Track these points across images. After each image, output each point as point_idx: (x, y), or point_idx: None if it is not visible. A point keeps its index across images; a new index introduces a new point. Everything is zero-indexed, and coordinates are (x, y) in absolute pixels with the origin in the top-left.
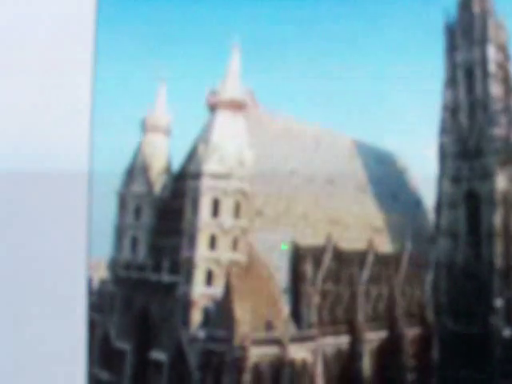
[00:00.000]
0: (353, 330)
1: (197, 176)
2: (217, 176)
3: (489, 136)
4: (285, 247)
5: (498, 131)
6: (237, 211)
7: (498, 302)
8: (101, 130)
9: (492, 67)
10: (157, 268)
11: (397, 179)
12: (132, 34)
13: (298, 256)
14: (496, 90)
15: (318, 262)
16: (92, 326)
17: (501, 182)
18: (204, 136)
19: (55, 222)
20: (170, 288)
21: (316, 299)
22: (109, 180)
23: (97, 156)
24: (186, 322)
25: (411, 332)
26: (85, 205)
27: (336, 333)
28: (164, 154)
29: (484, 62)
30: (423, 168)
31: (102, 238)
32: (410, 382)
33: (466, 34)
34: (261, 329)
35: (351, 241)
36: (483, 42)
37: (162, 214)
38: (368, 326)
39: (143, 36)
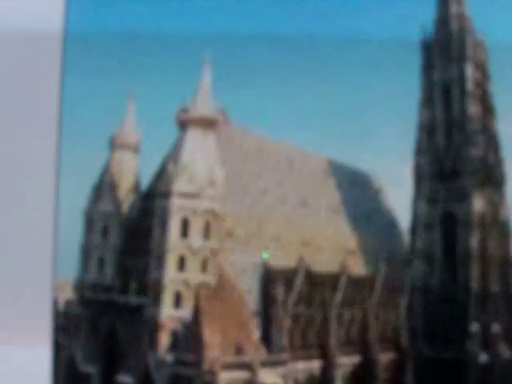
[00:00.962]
0: (325, 355)
1: (166, 195)
2: (186, 195)
3: (466, 156)
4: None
5: (476, 152)
6: (207, 232)
7: (474, 327)
8: (68, 146)
9: (470, 86)
10: (124, 289)
11: (371, 200)
12: (101, 48)
13: (269, 278)
14: (474, 109)
15: (289, 285)
16: (57, 348)
17: (478, 203)
18: (174, 154)
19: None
20: (138, 310)
21: (287, 323)
22: (76, 198)
23: (64, 173)
24: (153, 345)
25: (385, 357)
26: (50, 218)
27: (308, 357)
28: (132, 172)
29: (462, 80)
30: (399, 189)
31: (68, 258)
32: None
33: (443, 51)
34: (230, 353)
35: (324, 263)
36: (461, 60)
37: (130, 233)
38: (340, 351)
39: (112, 50)
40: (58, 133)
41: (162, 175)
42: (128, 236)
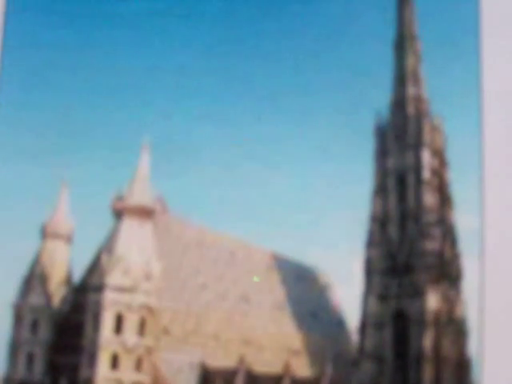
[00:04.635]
0: None
1: (99, 288)
2: (121, 289)
3: (420, 250)
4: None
5: (431, 245)
6: (142, 328)
7: None
8: None
9: (426, 174)
10: None
11: (318, 297)
12: (32, 129)
13: (207, 379)
14: (430, 199)
15: None
16: None
17: (432, 300)
18: (108, 245)
19: None
20: None
21: None
22: (4, 290)
23: None
24: None
25: None
26: None
27: None
28: (64, 264)
29: (417, 168)
30: (347, 285)
31: None
32: None
33: (398, 137)
34: None
35: (266, 363)
36: (417, 146)
37: (61, 328)
38: None
39: (44, 132)
40: None
41: (96, 267)
42: (59, 331)
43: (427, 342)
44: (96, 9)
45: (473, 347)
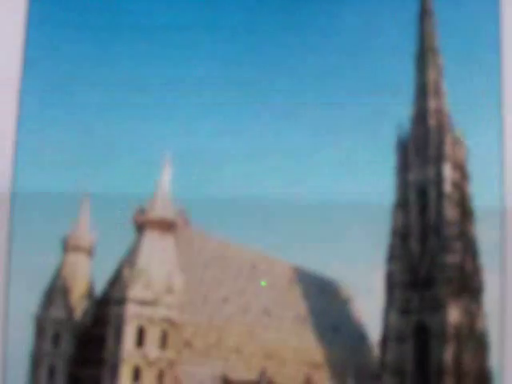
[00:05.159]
0: None
1: (121, 302)
2: (143, 302)
3: (441, 264)
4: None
5: (452, 259)
6: (163, 341)
7: None
8: (18, 248)
9: (447, 187)
10: None
11: (339, 310)
12: (53, 142)
13: None
14: (451, 213)
15: None
16: None
17: (453, 314)
18: (130, 258)
19: None
20: None
21: None
22: (26, 302)
23: (14, 275)
24: None
25: None
26: None
27: None
28: (86, 277)
29: (439, 181)
30: (369, 298)
31: (17, 366)
32: None
33: (419, 150)
34: None
35: (287, 377)
36: (438, 159)
37: (83, 341)
38: None
39: (65, 145)
40: (8, 234)
41: (118, 280)
42: (80, 344)
43: (448, 355)
44: (117, 22)
45: (494, 361)
